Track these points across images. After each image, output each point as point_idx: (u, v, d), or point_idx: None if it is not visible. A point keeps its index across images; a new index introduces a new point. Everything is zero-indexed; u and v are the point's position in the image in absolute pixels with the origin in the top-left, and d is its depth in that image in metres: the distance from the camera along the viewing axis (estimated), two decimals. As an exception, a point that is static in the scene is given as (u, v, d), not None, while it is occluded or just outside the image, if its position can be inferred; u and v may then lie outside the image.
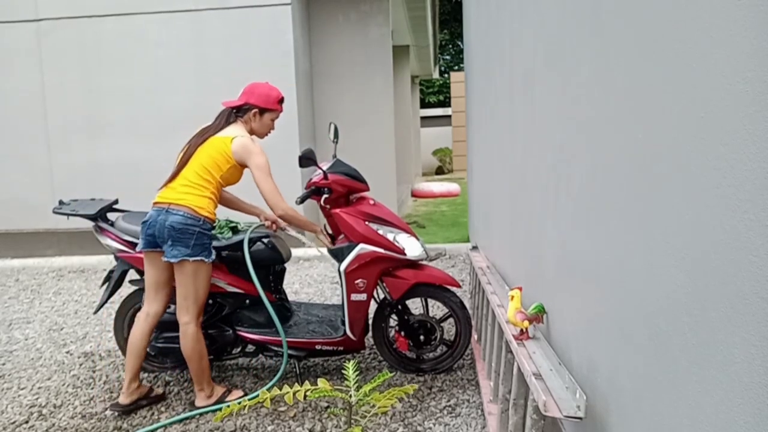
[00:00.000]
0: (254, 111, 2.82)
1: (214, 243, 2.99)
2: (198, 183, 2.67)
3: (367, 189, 3.05)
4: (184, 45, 6.51)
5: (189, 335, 2.69)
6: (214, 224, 2.74)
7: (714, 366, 0.94)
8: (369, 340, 3.23)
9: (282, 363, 2.92)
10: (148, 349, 3.08)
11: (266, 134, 2.92)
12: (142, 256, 2.77)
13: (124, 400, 2.76)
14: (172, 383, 3.11)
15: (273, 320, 2.86)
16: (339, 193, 2.92)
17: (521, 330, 2.03)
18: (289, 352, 2.94)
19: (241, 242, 2.99)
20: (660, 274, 1.13)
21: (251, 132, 2.85)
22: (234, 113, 2.84)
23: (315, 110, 7.33)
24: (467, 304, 3.49)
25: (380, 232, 2.90)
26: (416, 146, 14.37)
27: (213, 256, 2.70)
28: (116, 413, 2.75)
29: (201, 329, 2.75)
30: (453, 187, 12.30)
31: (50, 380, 3.22)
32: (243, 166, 2.77)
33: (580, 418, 1.47)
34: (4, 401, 2.98)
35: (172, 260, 2.60)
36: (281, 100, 2.92)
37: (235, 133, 2.74)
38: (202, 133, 2.78)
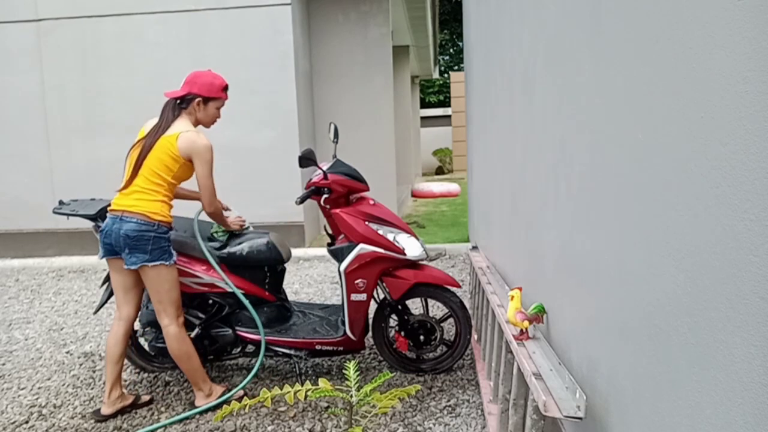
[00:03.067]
0: (198, 100, 2.74)
1: (212, 244, 2.99)
2: (149, 188, 2.64)
3: (367, 189, 3.05)
4: (184, 45, 6.52)
5: (171, 336, 2.69)
6: (171, 226, 2.70)
7: (714, 366, 0.94)
8: (369, 340, 3.23)
9: (258, 361, 2.92)
10: (147, 349, 3.09)
11: (212, 123, 2.84)
12: None
13: (106, 410, 2.72)
14: (172, 383, 3.11)
15: (272, 320, 2.86)
16: (339, 193, 2.92)
17: (521, 330, 2.03)
18: (289, 351, 2.94)
19: (233, 242, 3.00)
20: (660, 274, 1.13)
21: (196, 122, 2.78)
22: (178, 105, 2.75)
23: (315, 110, 7.33)
24: (467, 304, 3.49)
25: (380, 232, 2.90)
26: (416, 146, 14.38)
27: (174, 258, 2.67)
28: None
29: (185, 329, 2.75)
30: (453, 187, 12.30)
31: (50, 380, 3.22)
32: (191, 161, 2.70)
33: (580, 418, 1.47)
34: (4, 401, 2.98)
35: (132, 267, 2.60)
36: (225, 88, 2.80)
37: (181, 129, 2.68)
38: (152, 135, 2.71)
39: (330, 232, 3.11)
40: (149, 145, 2.70)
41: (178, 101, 2.74)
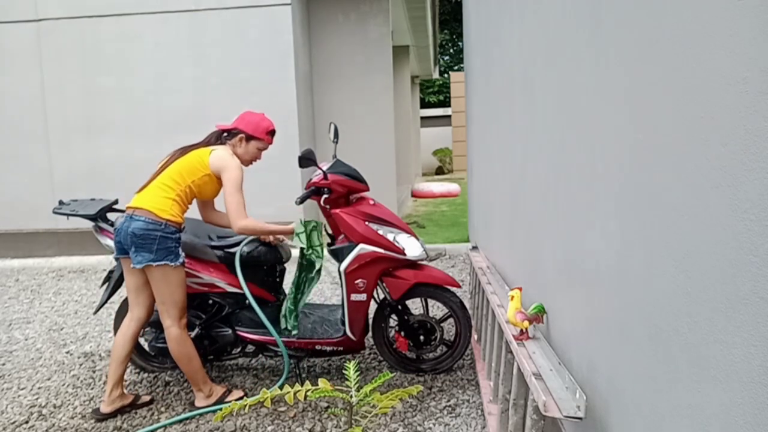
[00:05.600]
0: (241, 136, 2.84)
1: (213, 243, 3.00)
2: (164, 184, 2.67)
3: (367, 189, 3.05)
4: (184, 45, 6.52)
5: (172, 338, 2.68)
6: (181, 227, 2.70)
7: (714, 366, 0.94)
8: (369, 340, 3.23)
9: (284, 364, 2.92)
10: (147, 349, 3.09)
11: (250, 162, 2.91)
12: None
13: (105, 408, 2.72)
14: (172, 383, 3.11)
15: (273, 320, 2.86)
16: (339, 193, 2.92)
17: (521, 330, 2.03)
18: (290, 351, 2.94)
19: (238, 243, 3.00)
20: (660, 274, 1.13)
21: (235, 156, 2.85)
22: (223, 135, 2.88)
23: (315, 110, 7.34)
24: (467, 304, 3.49)
25: (380, 232, 2.90)
26: (416, 146, 14.38)
27: (181, 260, 2.67)
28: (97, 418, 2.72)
29: (187, 331, 2.74)
30: (453, 187, 12.30)
31: (50, 380, 3.22)
32: (219, 178, 2.76)
33: (580, 418, 1.47)
34: (4, 401, 2.98)
35: (137, 266, 2.59)
36: (271, 132, 2.91)
37: (216, 148, 2.79)
38: (186, 148, 2.81)
39: (330, 232, 3.11)
40: (179, 155, 2.77)
41: (225, 133, 2.88)
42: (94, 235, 3.14)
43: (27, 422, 2.74)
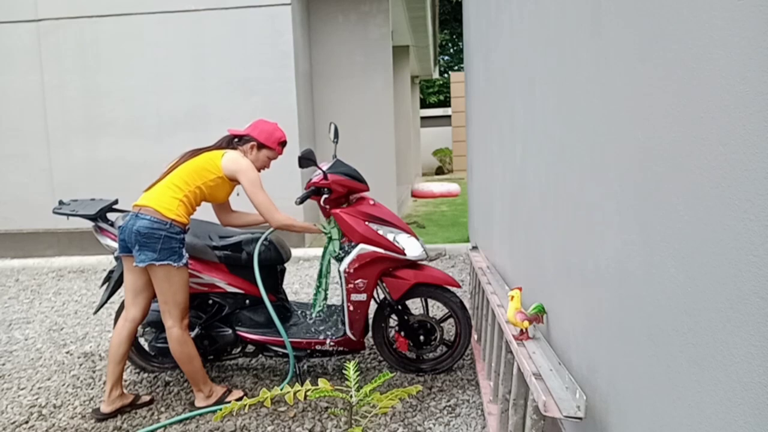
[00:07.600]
0: (252, 144, 2.87)
1: (213, 243, 3.00)
2: (174, 184, 2.68)
3: (367, 189, 3.05)
4: (184, 45, 6.52)
5: (174, 339, 2.68)
6: (185, 228, 2.71)
7: (714, 366, 0.94)
8: (369, 340, 3.23)
9: (290, 365, 2.93)
10: (147, 349, 3.09)
11: (259, 170, 2.91)
12: None
13: (105, 408, 2.72)
14: (172, 383, 3.11)
15: (273, 321, 2.86)
16: (339, 193, 2.92)
17: (521, 330, 2.03)
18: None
19: (238, 243, 3.00)
20: (660, 274, 1.13)
21: None
22: (235, 141, 2.90)
23: (315, 110, 7.34)
24: (467, 304, 3.49)
25: (380, 232, 2.90)
26: (416, 146, 14.37)
27: (184, 260, 2.66)
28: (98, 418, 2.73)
29: (188, 331, 2.74)
30: (453, 187, 12.30)
31: (50, 380, 3.22)
32: (233, 181, 2.78)
33: (580, 418, 1.47)
34: (4, 401, 2.98)
35: (140, 264, 2.60)
36: (282, 143, 2.94)
37: (228, 151, 2.81)
38: (197, 150, 2.83)
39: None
40: (190, 156, 2.78)
41: (236, 139, 2.91)
42: (94, 235, 3.14)
43: (27, 422, 2.74)
